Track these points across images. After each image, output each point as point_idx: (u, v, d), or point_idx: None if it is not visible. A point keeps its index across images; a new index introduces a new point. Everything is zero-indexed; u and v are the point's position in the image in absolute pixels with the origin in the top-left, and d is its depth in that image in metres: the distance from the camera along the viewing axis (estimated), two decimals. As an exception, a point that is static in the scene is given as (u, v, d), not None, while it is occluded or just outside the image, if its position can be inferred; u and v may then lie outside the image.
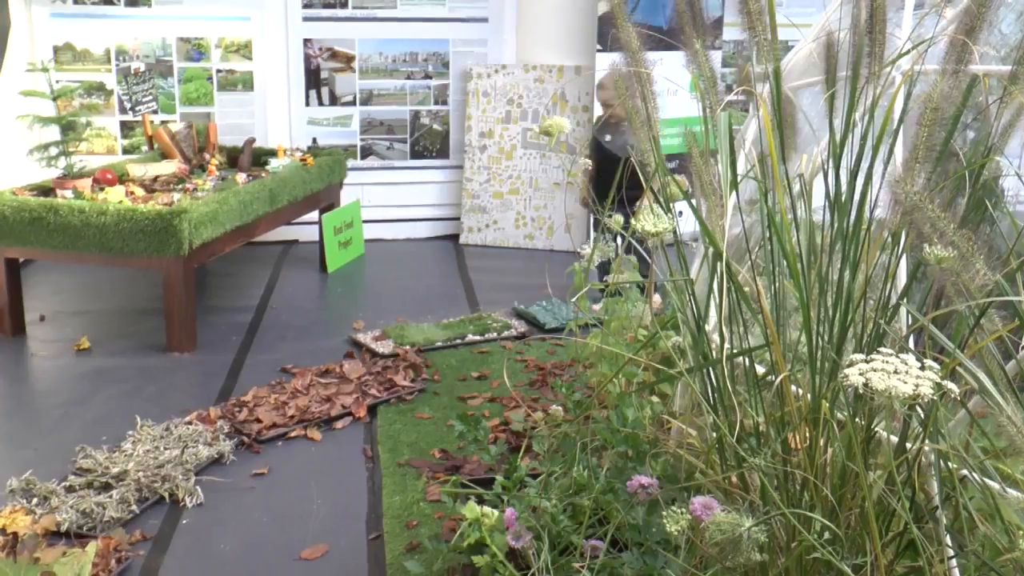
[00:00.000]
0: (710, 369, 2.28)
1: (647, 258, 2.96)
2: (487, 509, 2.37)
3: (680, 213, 2.40)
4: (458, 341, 4.60)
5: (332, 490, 3.30)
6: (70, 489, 3.20)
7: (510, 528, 2.33)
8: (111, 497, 3.12)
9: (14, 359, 4.51)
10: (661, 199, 2.40)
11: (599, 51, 5.99)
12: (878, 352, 1.42)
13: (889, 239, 1.93)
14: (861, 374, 1.38)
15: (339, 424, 3.75)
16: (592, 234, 6.16)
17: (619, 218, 3.29)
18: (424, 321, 4.84)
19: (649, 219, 2.00)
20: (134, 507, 3.11)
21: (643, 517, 2.31)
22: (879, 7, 1.80)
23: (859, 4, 1.88)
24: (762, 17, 1.94)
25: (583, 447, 2.67)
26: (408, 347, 4.43)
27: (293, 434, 3.66)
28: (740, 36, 6.36)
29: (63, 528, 2.98)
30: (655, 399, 2.98)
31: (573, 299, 4.84)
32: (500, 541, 2.35)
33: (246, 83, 6.37)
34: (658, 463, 2.53)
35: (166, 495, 3.19)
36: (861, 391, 1.37)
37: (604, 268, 4.30)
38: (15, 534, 2.92)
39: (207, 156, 5.67)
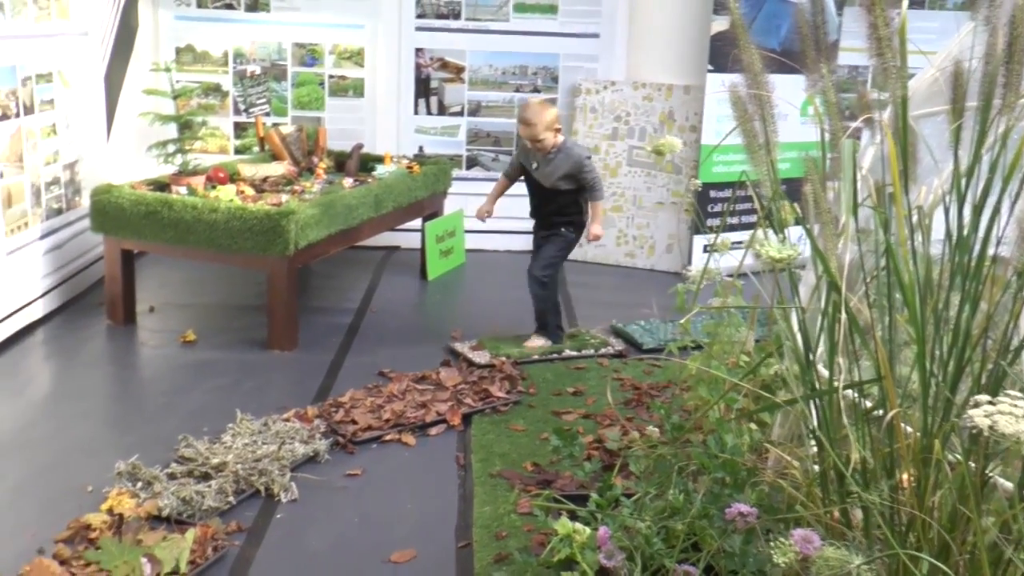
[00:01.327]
0: (816, 400, 2.23)
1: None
2: (579, 526, 2.36)
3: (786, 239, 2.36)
4: (554, 355, 4.60)
5: (423, 496, 3.32)
6: (172, 476, 3.29)
7: (603, 547, 2.32)
8: (210, 487, 3.19)
9: (124, 347, 4.65)
10: (774, 224, 2.36)
11: (710, 71, 5.94)
12: (1005, 394, 1.37)
13: (1014, 278, 1.87)
14: (986, 416, 1.34)
15: (433, 431, 3.78)
16: (695, 256, 6.11)
17: (727, 240, 3.26)
18: (521, 333, 4.84)
19: (773, 246, 1.97)
20: (231, 498, 3.17)
21: (739, 546, 2.28)
22: (1019, 37, 1.75)
23: (995, 33, 1.83)
24: (892, 43, 1.90)
25: (679, 470, 2.64)
26: (504, 358, 4.45)
27: (388, 437, 3.69)
28: (856, 62, 6.25)
29: (164, 513, 3.06)
30: (753, 426, 2.93)
31: (674, 320, 4.81)
32: (591, 559, 2.34)
33: (357, 89, 6.48)
34: (755, 492, 2.49)
35: (262, 489, 3.25)
36: (986, 434, 1.33)
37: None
38: (121, 515, 3.01)
39: (315, 159, 5.78)
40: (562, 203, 4.61)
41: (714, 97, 5.92)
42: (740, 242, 5.57)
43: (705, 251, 6.13)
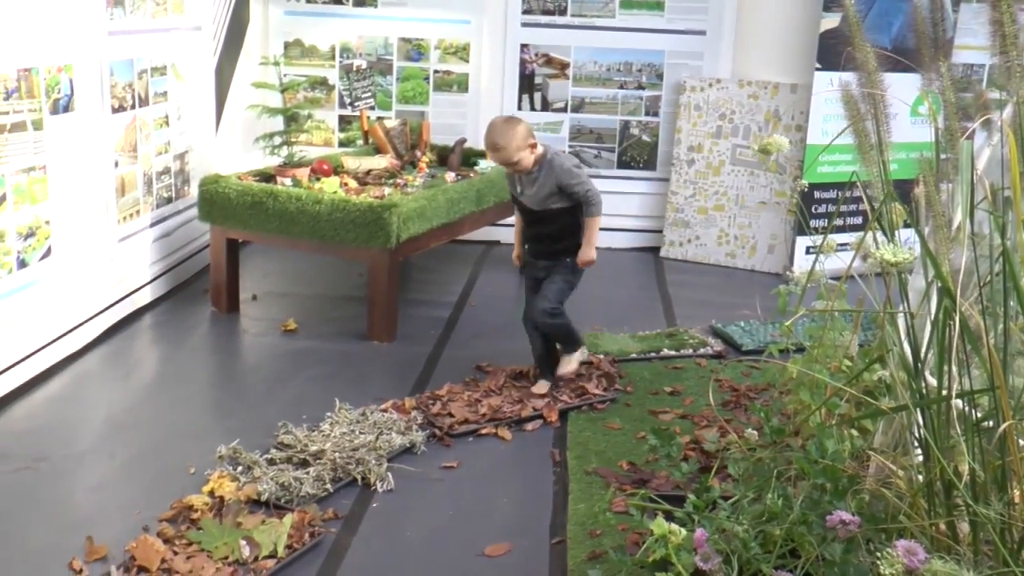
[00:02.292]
0: (923, 409, 2.17)
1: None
2: (675, 526, 2.33)
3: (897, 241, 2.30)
4: (652, 354, 4.56)
5: (518, 490, 3.32)
6: (271, 462, 3.35)
7: (699, 549, 2.29)
8: (308, 474, 3.25)
9: (227, 334, 4.76)
10: (885, 227, 2.30)
11: (818, 69, 5.82)
12: None
13: None
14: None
15: (529, 426, 3.78)
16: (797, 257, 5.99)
17: (833, 241, 3.19)
18: (619, 331, 4.81)
19: (888, 248, 1.91)
20: (328, 486, 3.22)
21: (840, 555, 2.22)
22: None
23: None
24: (1016, 40, 1.83)
25: (778, 475, 2.59)
26: (602, 356, 4.42)
27: (484, 431, 3.71)
28: (972, 60, 6.05)
29: (263, 498, 3.12)
30: (855, 433, 2.86)
31: (774, 322, 4.71)
32: (687, 561, 2.31)
33: (461, 85, 6.52)
34: (855, 500, 2.43)
35: (359, 478, 3.29)
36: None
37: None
38: (222, 498, 3.08)
39: (418, 153, 5.83)
40: (560, 227, 3.96)
41: (822, 96, 5.79)
42: (845, 244, 5.47)
43: (808, 252, 6.01)
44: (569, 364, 4.09)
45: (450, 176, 5.40)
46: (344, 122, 6.58)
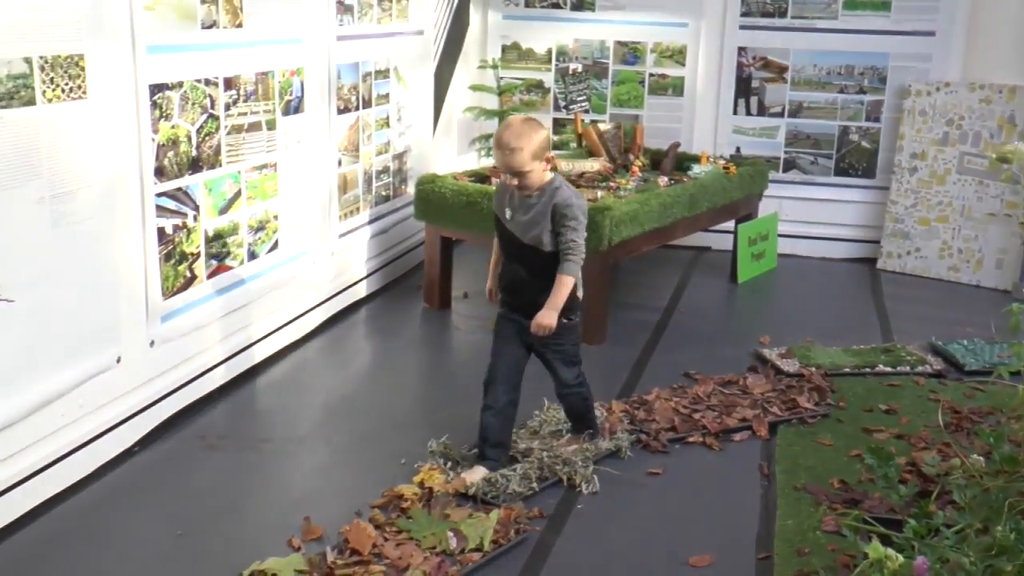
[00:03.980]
0: None
1: None
2: (891, 552, 2.23)
3: None
4: (867, 370, 4.38)
5: (724, 502, 3.26)
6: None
7: (920, 577, 2.18)
8: (515, 471, 3.29)
9: (438, 330, 4.89)
10: None
11: (1062, 74, 5.45)
12: None
13: None
14: None
15: (737, 437, 3.70)
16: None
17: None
18: (832, 344, 4.65)
19: None
20: (534, 484, 3.25)
21: (1078, 596, 2.07)
22: None
23: None
24: None
25: (1010, 507, 2.44)
26: (814, 369, 4.29)
27: (691, 439, 3.66)
28: None
29: (470, 492, 3.18)
30: (1096, 465, 2.66)
31: (1003, 342, 4.43)
32: (904, 588, 2.21)
33: (676, 88, 6.46)
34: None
35: (564, 478, 3.31)
36: None
37: None
38: (431, 489, 3.17)
39: (631, 157, 5.81)
40: (548, 272, 3.22)
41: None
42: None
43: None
44: (575, 441, 3.50)
45: (663, 180, 5.36)
46: (558, 125, 6.63)
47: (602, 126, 5.94)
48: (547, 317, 3.18)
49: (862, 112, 6.29)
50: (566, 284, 3.19)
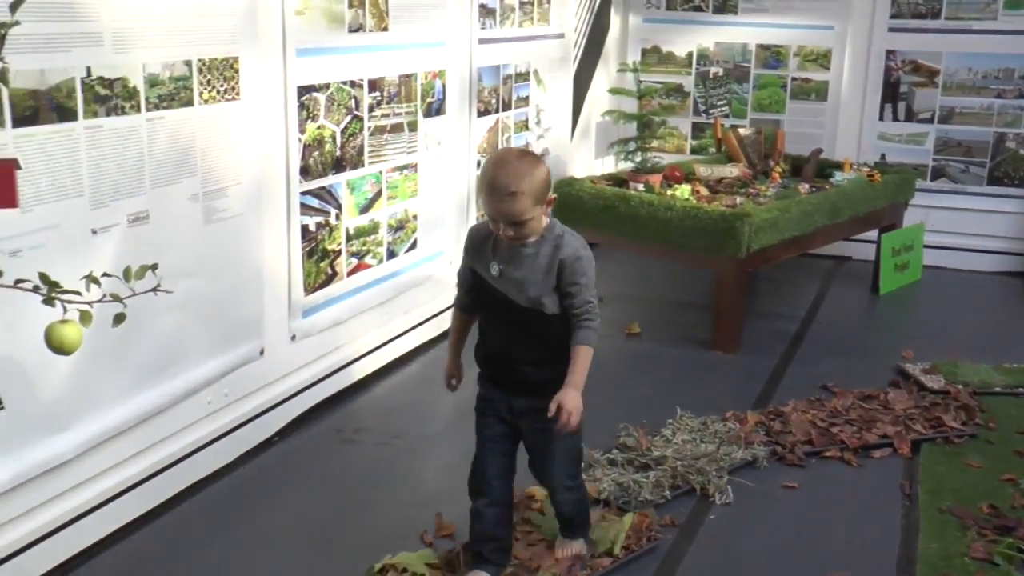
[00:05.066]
0: None
1: None
2: (1046, 581, 2.12)
3: None
4: (1020, 389, 4.18)
5: (862, 520, 3.16)
6: (612, 462, 3.39)
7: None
8: (647, 478, 3.26)
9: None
10: None
11: None
12: None
13: None
14: None
15: (877, 453, 3.58)
16: None
17: None
18: (981, 361, 4.45)
19: None
20: (667, 492, 3.22)
21: None
22: None
23: None
24: None
25: None
26: (960, 386, 4.11)
27: (828, 454, 3.56)
28: None
29: (602, 496, 3.16)
30: None
31: None
32: (1060, 621, 2.09)
33: (819, 93, 6.30)
34: None
35: (697, 487, 3.26)
36: None
37: None
38: (561, 493, 3.16)
39: (771, 163, 5.69)
40: (555, 339, 2.60)
41: None
42: None
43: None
44: (569, 548, 2.86)
45: (804, 187, 5.23)
46: (697, 129, 6.55)
47: (742, 131, 5.84)
48: (574, 399, 2.50)
49: (1021, 118, 6.00)
50: (587, 357, 2.56)
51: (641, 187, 4.97)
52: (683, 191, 4.91)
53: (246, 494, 3.25)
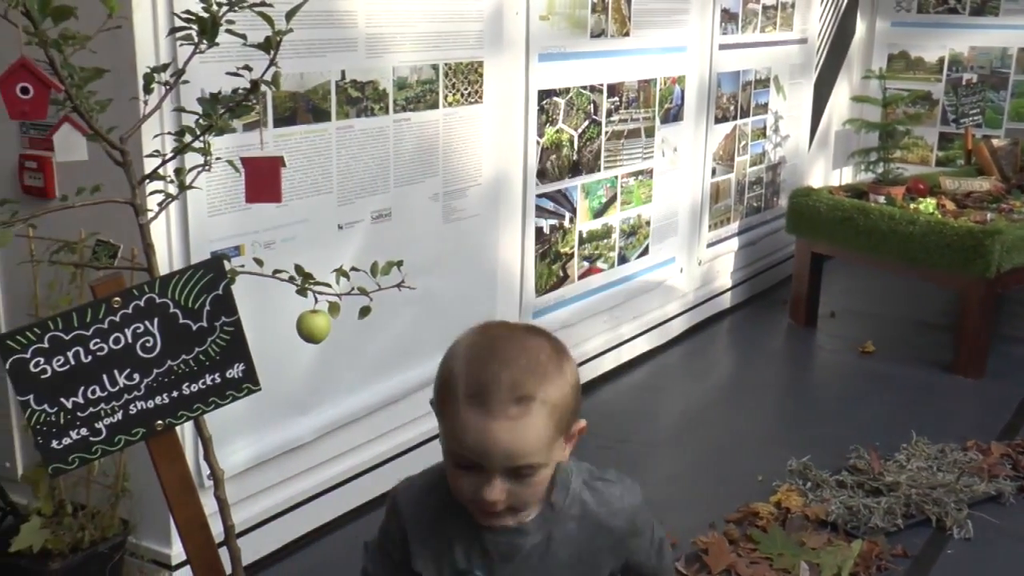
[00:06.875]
0: None
1: None
2: None
3: None
4: None
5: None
6: (841, 484, 3.27)
7: None
8: (879, 504, 3.12)
9: (802, 348, 4.75)
10: None
11: None
12: None
13: None
14: None
15: None
16: None
17: None
18: None
19: None
20: (899, 521, 3.07)
21: None
22: None
23: None
24: None
25: None
26: None
27: (1082, 493, 3.31)
28: None
29: (829, 519, 3.06)
30: None
31: None
32: None
33: (1086, 103, 5.86)
34: None
35: (933, 518, 3.09)
36: None
37: None
38: (787, 510, 3.08)
39: (1028, 177, 5.35)
40: None
41: None
42: None
43: None
44: None
45: (1066, 204, 4.88)
46: (945, 140, 6.22)
47: (996, 142, 5.50)
48: None
49: None
50: None
51: (882, 199, 4.76)
52: (928, 205, 4.67)
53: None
